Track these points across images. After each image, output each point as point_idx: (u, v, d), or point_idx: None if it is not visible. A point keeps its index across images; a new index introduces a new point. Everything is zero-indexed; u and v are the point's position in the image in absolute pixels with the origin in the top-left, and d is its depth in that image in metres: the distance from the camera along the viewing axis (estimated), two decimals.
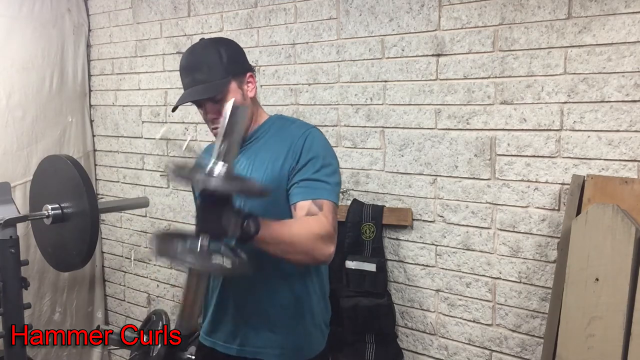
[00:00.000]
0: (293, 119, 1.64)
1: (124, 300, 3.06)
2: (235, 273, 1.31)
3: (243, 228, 1.18)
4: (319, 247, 1.35)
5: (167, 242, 1.18)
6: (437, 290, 1.93)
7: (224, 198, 1.15)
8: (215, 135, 1.55)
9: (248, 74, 1.55)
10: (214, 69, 1.49)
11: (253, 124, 1.58)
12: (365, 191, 2.05)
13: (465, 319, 1.88)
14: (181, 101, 1.52)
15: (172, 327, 2.13)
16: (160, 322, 1.94)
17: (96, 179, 3.10)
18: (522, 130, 1.71)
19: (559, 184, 1.66)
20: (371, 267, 1.94)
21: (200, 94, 1.49)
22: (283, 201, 1.48)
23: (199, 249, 1.13)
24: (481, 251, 1.82)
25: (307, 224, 1.37)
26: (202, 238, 1.13)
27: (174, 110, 1.57)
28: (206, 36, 2.46)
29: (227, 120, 1.16)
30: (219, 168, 1.13)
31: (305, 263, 1.46)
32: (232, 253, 1.20)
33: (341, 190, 2.09)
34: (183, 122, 2.62)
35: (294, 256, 1.36)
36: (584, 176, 1.59)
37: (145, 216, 2.86)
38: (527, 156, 1.71)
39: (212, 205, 1.15)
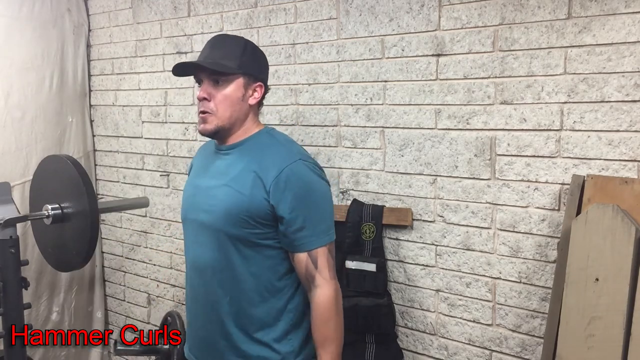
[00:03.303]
0: (280, 141, 1.57)
1: (124, 300, 3.06)
2: None
3: None
4: (338, 313, 1.51)
5: None
6: (437, 290, 1.93)
7: None
8: (201, 116, 1.54)
9: (259, 83, 1.55)
10: (232, 56, 1.50)
11: (243, 134, 1.56)
12: (365, 191, 2.05)
13: (465, 319, 1.88)
14: (187, 63, 1.53)
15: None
16: (178, 323, 1.94)
17: (96, 179, 3.11)
18: (522, 130, 1.71)
19: (559, 184, 1.66)
20: (371, 267, 1.94)
21: (207, 63, 1.50)
22: (243, 222, 1.48)
23: None
24: (481, 251, 1.82)
25: (326, 318, 1.49)
26: None
27: (174, 71, 1.55)
28: (206, 36, 2.47)
29: None
30: None
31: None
32: None
33: (341, 190, 2.10)
34: (183, 122, 2.62)
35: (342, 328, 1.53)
36: (584, 176, 1.59)
37: (145, 216, 2.86)
38: (527, 156, 1.71)
39: None
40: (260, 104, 1.60)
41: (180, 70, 1.55)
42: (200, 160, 1.70)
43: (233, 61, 1.50)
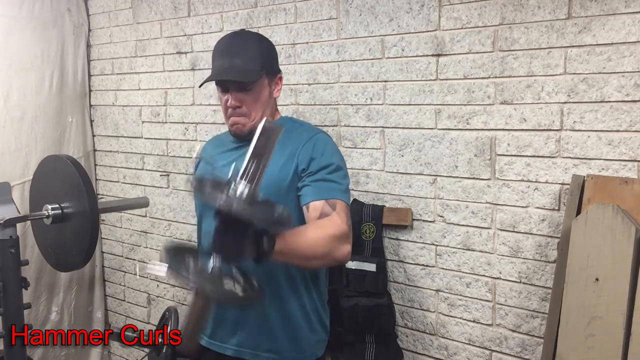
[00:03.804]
0: (301, 122, 1.66)
1: (124, 300, 3.06)
2: (246, 301, 1.20)
3: (259, 248, 1.13)
4: (336, 248, 1.36)
5: (178, 258, 1.09)
6: (437, 290, 1.93)
7: (244, 222, 1.07)
8: (229, 124, 1.56)
9: (278, 75, 1.60)
10: (253, 59, 1.52)
11: None
12: (365, 191, 2.05)
13: (465, 319, 1.88)
14: (216, 77, 1.52)
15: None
16: (172, 319, 1.93)
17: (96, 179, 3.11)
18: (522, 130, 1.71)
19: (559, 184, 1.66)
20: (371, 267, 1.94)
21: (236, 75, 1.50)
22: (279, 197, 1.47)
23: (210, 270, 1.05)
24: (481, 251, 1.82)
25: (322, 226, 1.36)
26: (214, 258, 1.06)
27: (200, 86, 1.60)
28: (206, 36, 2.47)
29: (257, 139, 1.08)
30: (243, 189, 1.03)
31: (324, 265, 1.45)
32: (244, 279, 1.11)
33: None
34: (183, 122, 2.62)
35: (313, 262, 1.37)
36: (584, 176, 1.59)
37: (145, 216, 2.86)
38: (527, 156, 1.71)
39: (230, 226, 1.07)
40: None
41: (207, 81, 1.56)
42: (216, 155, 1.69)
43: (256, 64, 1.52)
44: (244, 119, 1.54)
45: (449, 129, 1.84)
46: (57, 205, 1.89)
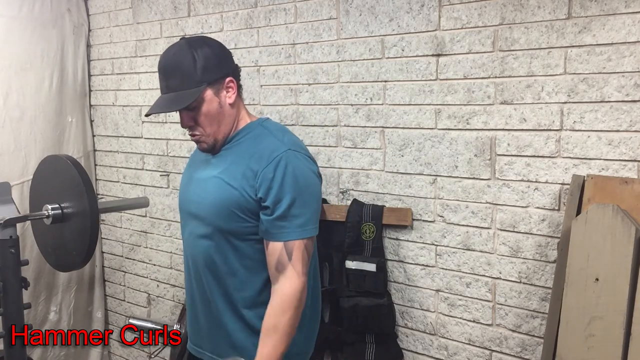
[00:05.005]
0: (272, 131, 1.55)
1: (124, 300, 3.06)
2: None
3: None
4: (298, 309, 1.45)
5: None
6: (437, 290, 1.93)
7: None
8: (194, 139, 1.55)
9: (227, 80, 1.50)
10: (188, 76, 1.44)
11: (232, 130, 1.55)
12: (365, 191, 2.05)
13: (465, 319, 1.88)
14: (152, 111, 1.49)
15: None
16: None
17: (96, 179, 3.11)
18: (522, 130, 1.71)
19: (559, 184, 1.66)
20: (371, 267, 1.94)
21: (170, 104, 1.47)
22: (232, 215, 1.47)
23: None
24: (481, 251, 1.82)
25: (284, 309, 1.43)
26: None
27: (147, 115, 1.55)
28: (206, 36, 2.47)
29: None
30: None
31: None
32: None
33: (341, 190, 2.10)
34: None
35: (294, 328, 1.46)
36: (584, 176, 1.59)
37: (145, 216, 2.86)
38: (527, 156, 1.71)
39: None
40: (239, 93, 1.56)
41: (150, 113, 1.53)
42: (198, 153, 1.70)
43: (191, 80, 1.44)
44: (201, 137, 1.52)
45: (449, 129, 1.84)
46: (57, 205, 1.89)
